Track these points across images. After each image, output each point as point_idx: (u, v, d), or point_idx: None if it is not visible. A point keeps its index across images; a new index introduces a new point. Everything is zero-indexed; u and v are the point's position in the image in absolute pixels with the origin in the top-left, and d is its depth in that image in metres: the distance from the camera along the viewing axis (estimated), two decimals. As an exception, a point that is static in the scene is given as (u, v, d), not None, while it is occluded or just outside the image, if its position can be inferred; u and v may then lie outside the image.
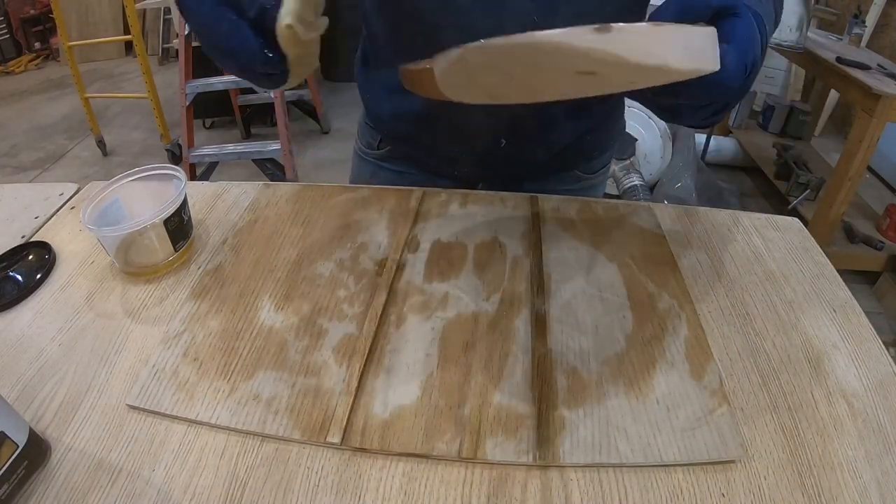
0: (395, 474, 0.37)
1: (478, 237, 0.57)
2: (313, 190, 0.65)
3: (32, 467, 0.36)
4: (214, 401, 0.41)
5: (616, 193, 2.04)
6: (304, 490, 0.36)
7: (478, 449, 0.38)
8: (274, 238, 0.57)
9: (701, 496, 0.36)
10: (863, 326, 0.49)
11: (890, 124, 1.57)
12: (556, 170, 0.71)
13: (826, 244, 1.78)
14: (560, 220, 0.60)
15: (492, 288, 0.51)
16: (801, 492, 0.36)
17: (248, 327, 0.47)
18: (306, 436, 0.39)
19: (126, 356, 0.45)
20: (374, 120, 0.73)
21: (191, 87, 2.15)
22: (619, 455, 0.37)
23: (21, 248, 0.56)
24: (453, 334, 0.46)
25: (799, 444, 0.39)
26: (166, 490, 0.36)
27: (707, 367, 0.43)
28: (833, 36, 2.00)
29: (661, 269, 0.53)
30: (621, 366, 0.44)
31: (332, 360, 0.44)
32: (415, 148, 0.70)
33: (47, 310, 0.50)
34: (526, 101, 0.37)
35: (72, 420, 0.40)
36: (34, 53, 4.13)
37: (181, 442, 0.39)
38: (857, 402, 0.42)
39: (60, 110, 3.29)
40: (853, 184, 1.69)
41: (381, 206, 0.62)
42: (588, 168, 0.74)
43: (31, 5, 4.01)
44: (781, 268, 0.55)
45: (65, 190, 0.67)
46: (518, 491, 0.36)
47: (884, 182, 2.50)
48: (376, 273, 0.53)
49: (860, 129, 1.61)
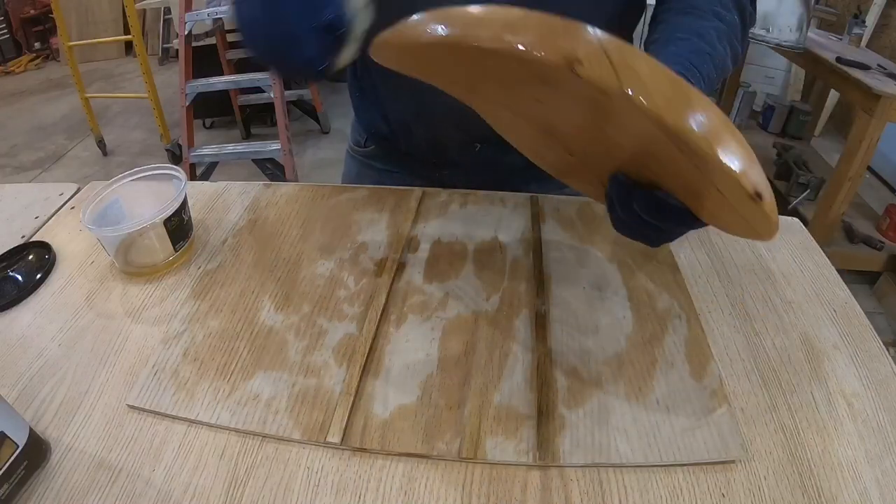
0: (395, 474, 0.37)
1: (478, 237, 0.57)
2: (313, 190, 0.65)
3: (32, 467, 0.36)
4: (214, 401, 0.41)
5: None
6: (304, 490, 0.36)
7: (478, 449, 0.38)
8: (274, 238, 0.57)
9: (701, 496, 0.36)
10: (863, 326, 0.49)
11: (890, 124, 1.57)
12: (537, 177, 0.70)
13: (826, 244, 1.78)
14: (560, 220, 0.60)
15: (492, 288, 0.51)
16: (801, 492, 0.36)
17: (248, 327, 0.47)
18: (306, 436, 0.39)
19: (126, 356, 0.45)
20: (361, 121, 0.74)
21: (191, 87, 2.15)
22: (619, 455, 0.37)
23: (21, 248, 0.56)
24: (453, 334, 0.46)
25: (799, 444, 0.39)
26: (166, 490, 0.36)
27: (707, 367, 0.43)
28: (833, 36, 2.00)
29: (661, 269, 0.53)
30: (621, 366, 0.44)
31: (332, 360, 0.44)
32: (397, 151, 0.72)
33: (47, 310, 0.50)
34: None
35: (72, 420, 0.40)
36: (34, 53, 4.13)
37: (181, 442, 0.39)
38: (857, 402, 0.42)
39: (60, 110, 3.29)
40: (853, 184, 1.69)
41: (381, 206, 0.62)
42: None
43: (31, 5, 4.02)
44: (781, 268, 0.55)
45: (65, 190, 0.67)
46: (518, 491, 0.36)
47: (884, 182, 2.50)
48: (376, 273, 0.53)
49: (860, 129, 1.61)
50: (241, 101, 2.79)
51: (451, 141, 0.66)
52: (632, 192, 0.36)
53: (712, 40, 0.45)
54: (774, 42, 1.76)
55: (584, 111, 0.32)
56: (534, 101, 0.35)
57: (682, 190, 0.34)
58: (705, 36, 0.45)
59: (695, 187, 0.32)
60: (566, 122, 0.37)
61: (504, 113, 0.42)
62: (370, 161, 0.76)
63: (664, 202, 0.35)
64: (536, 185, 0.71)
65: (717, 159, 0.27)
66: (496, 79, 0.34)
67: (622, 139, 0.33)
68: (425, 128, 0.65)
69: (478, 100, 0.42)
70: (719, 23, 0.46)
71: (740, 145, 0.27)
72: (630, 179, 0.37)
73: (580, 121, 0.35)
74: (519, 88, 0.34)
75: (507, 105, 0.40)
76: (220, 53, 2.59)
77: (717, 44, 0.45)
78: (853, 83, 1.63)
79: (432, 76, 0.40)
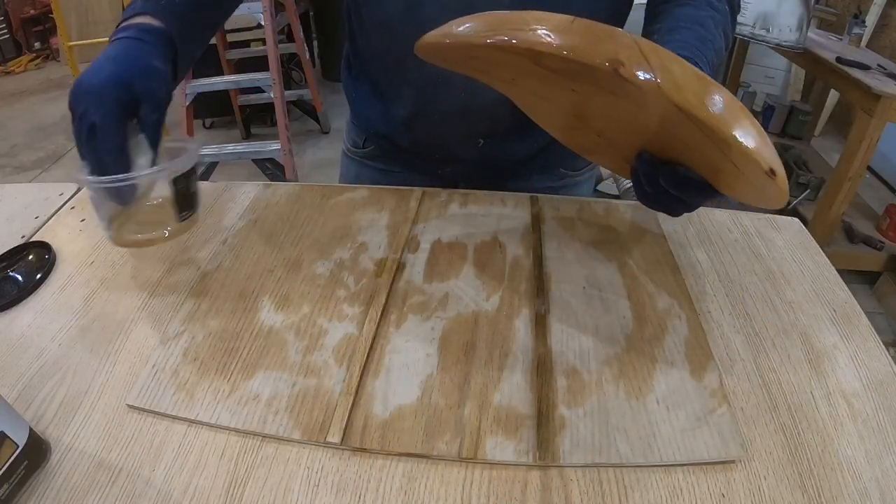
0: (395, 474, 0.37)
1: (478, 237, 0.57)
2: (313, 190, 0.65)
3: (32, 467, 0.36)
4: (214, 401, 0.41)
5: (616, 193, 2.04)
6: (304, 490, 0.36)
7: (478, 449, 0.38)
8: (274, 238, 0.57)
9: (701, 496, 0.36)
10: (863, 326, 0.49)
11: (890, 124, 1.57)
12: (539, 168, 0.71)
13: (826, 244, 1.78)
14: (560, 220, 0.60)
15: (492, 288, 0.51)
16: (801, 492, 0.36)
17: (248, 327, 0.47)
18: (306, 436, 0.39)
19: (126, 356, 0.45)
20: (359, 120, 0.74)
21: (191, 87, 2.15)
22: (619, 455, 0.37)
23: (21, 248, 0.56)
24: (453, 334, 0.46)
25: (799, 444, 0.39)
26: (166, 490, 0.36)
27: (707, 367, 0.43)
28: (833, 36, 2.00)
29: (661, 269, 0.53)
30: (621, 366, 0.44)
31: (332, 360, 0.44)
32: (397, 148, 0.71)
33: (47, 310, 0.50)
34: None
35: (72, 420, 0.40)
36: (34, 53, 4.13)
37: (181, 442, 0.39)
38: (857, 402, 0.42)
39: (60, 110, 3.29)
40: (853, 184, 1.69)
41: (380, 206, 0.62)
42: (572, 165, 0.74)
43: (31, 5, 4.01)
44: (781, 268, 0.55)
45: (65, 190, 0.67)
46: (518, 491, 0.36)
47: (884, 182, 2.50)
48: (376, 273, 0.53)
49: (860, 129, 1.61)
50: (241, 101, 2.79)
51: (455, 136, 0.66)
52: (657, 168, 0.41)
53: (711, 28, 0.49)
54: (774, 42, 1.76)
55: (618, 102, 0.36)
56: (570, 92, 0.39)
57: (703, 166, 0.38)
58: (705, 24, 0.49)
59: (715, 164, 0.36)
60: (599, 110, 0.40)
61: (539, 101, 0.46)
62: (370, 161, 0.76)
63: (687, 177, 0.39)
64: (539, 177, 0.71)
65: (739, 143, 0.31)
66: (538, 74, 0.37)
67: (651, 124, 0.37)
68: (428, 124, 0.65)
69: (514, 90, 0.46)
70: (714, 12, 0.50)
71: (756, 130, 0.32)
72: (655, 157, 0.41)
73: (613, 110, 0.38)
74: (559, 81, 0.38)
75: (543, 95, 0.43)
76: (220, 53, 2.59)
77: (715, 31, 0.49)
78: (853, 83, 1.63)
79: (474, 71, 0.44)
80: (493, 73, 0.43)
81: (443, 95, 0.60)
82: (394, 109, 0.66)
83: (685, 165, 0.39)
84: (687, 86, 0.31)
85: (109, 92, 0.42)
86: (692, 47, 0.46)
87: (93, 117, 0.42)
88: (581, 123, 0.45)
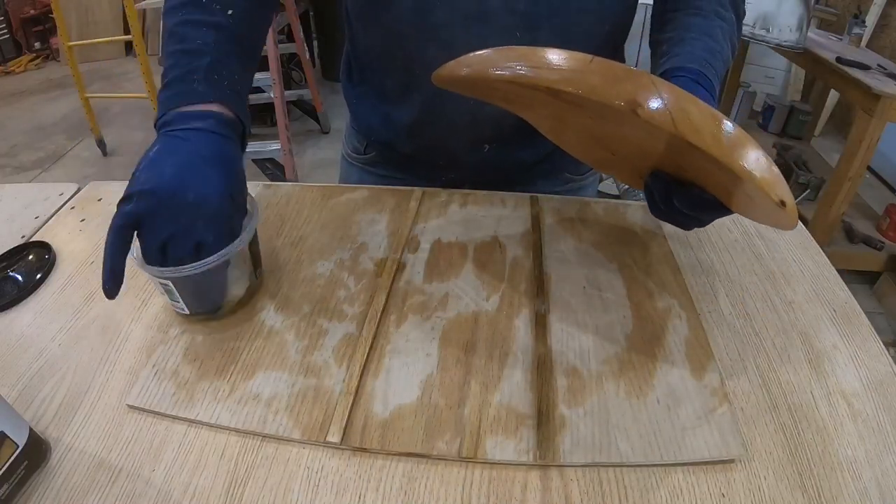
0: (395, 474, 0.37)
1: (478, 237, 0.57)
2: (313, 190, 0.65)
3: (32, 467, 0.36)
4: (214, 401, 0.41)
5: (616, 193, 2.04)
6: (304, 490, 0.36)
7: (478, 449, 0.38)
8: (274, 238, 0.57)
9: (701, 496, 0.36)
10: (863, 326, 0.49)
11: (890, 124, 1.57)
12: (544, 172, 0.70)
13: (826, 244, 1.78)
14: (560, 220, 0.60)
15: (492, 288, 0.51)
16: (801, 492, 0.36)
17: (248, 327, 0.47)
18: (306, 436, 0.39)
19: (126, 356, 0.45)
20: (360, 126, 0.72)
21: (191, 87, 2.14)
22: (619, 455, 0.37)
23: (21, 248, 0.56)
24: (453, 334, 0.46)
25: (799, 444, 0.39)
26: (166, 490, 0.36)
27: (707, 366, 0.43)
28: (833, 36, 2.00)
29: (661, 269, 0.53)
30: (621, 366, 0.44)
31: (332, 360, 0.44)
32: (399, 155, 0.70)
33: (47, 310, 0.50)
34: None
35: (72, 420, 0.40)
36: (34, 53, 4.13)
37: (181, 442, 0.39)
38: (857, 402, 0.42)
39: (60, 110, 3.29)
40: (853, 184, 1.69)
41: (381, 206, 0.62)
42: (577, 170, 0.74)
43: (31, 5, 4.01)
44: (781, 268, 0.55)
45: (65, 190, 0.67)
46: (518, 491, 0.36)
47: (884, 182, 2.50)
48: (376, 273, 0.53)
49: (860, 129, 1.61)
50: (241, 101, 2.79)
51: (460, 142, 0.64)
52: (671, 188, 0.42)
53: (719, 38, 0.49)
54: (774, 42, 1.76)
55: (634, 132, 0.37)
56: (586, 119, 0.40)
57: (716, 187, 0.39)
58: (714, 35, 0.49)
59: (727, 189, 0.37)
60: (615, 135, 0.41)
61: (556, 123, 0.47)
62: (371, 168, 0.75)
63: (701, 198, 0.40)
64: (543, 182, 0.71)
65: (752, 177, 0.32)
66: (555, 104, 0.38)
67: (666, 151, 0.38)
68: (434, 131, 0.64)
69: (531, 114, 0.47)
70: (721, 22, 0.50)
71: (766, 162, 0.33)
72: (669, 177, 0.42)
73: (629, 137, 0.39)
74: (576, 111, 0.38)
75: (559, 119, 0.44)
76: (220, 53, 2.59)
77: (723, 41, 0.49)
78: (853, 83, 1.63)
79: (491, 98, 0.44)
80: (510, 101, 0.44)
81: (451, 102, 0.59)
82: (397, 115, 0.64)
83: (699, 186, 0.40)
84: (704, 127, 0.32)
85: (225, 209, 0.42)
86: (702, 59, 0.46)
87: (203, 237, 0.41)
88: (597, 144, 0.46)
